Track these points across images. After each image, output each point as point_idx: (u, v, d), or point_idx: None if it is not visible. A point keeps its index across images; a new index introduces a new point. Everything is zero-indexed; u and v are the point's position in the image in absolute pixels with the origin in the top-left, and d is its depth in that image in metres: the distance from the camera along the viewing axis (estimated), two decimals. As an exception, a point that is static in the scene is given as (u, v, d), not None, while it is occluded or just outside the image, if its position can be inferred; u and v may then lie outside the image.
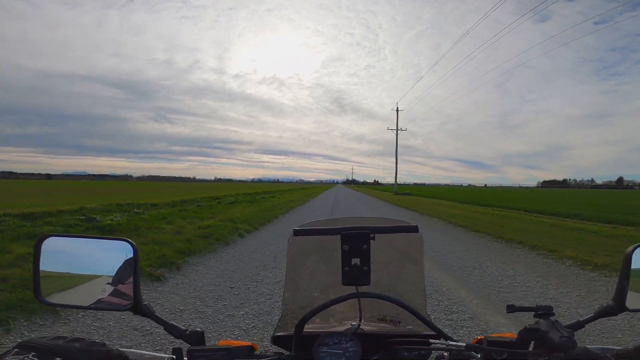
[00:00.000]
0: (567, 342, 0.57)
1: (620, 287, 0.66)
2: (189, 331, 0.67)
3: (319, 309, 0.69)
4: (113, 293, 0.66)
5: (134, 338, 2.72)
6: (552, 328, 0.60)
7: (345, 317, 0.85)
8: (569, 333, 0.58)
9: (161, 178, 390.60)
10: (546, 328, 0.60)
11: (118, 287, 0.66)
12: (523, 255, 6.37)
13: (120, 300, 0.65)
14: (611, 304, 0.67)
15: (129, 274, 0.66)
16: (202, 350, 0.63)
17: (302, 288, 0.90)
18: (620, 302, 0.66)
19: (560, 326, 0.61)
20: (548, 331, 0.60)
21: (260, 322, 3.11)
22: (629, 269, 0.65)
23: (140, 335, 2.76)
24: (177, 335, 0.67)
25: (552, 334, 0.59)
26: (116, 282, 0.66)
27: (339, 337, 0.70)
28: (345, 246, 0.70)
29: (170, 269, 4.64)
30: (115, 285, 0.66)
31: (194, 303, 3.56)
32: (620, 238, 7.83)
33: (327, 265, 0.87)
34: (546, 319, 0.63)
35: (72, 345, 0.55)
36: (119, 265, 0.66)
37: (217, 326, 3.01)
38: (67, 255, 0.67)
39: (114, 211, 9.66)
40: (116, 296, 0.66)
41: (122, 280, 0.66)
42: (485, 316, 3.34)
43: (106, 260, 0.66)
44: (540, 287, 4.38)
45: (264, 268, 5.02)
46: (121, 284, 0.66)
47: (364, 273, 0.70)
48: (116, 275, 0.66)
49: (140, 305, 0.65)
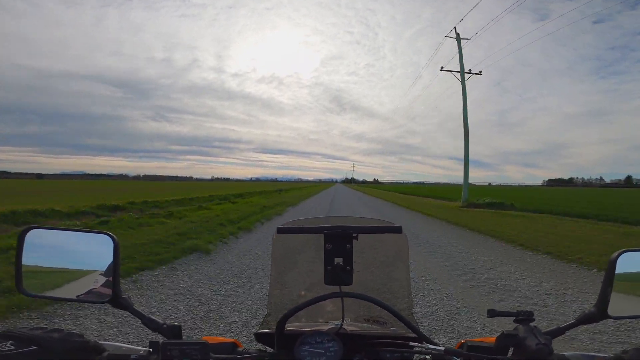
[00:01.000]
0: (543, 349, 0.58)
1: (603, 293, 0.65)
2: (166, 325, 0.69)
3: (300, 307, 0.70)
4: (93, 285, 0.68)
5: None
6: (530, 334, 0.61)
7: (330, 316, 0.86)
8: (546, 340, 0.60)
9: (158, 177, 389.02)
10: (524, 334, 0.61)
11: (98, 280, 0.68)
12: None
13: (100, 293, 0.68)
14: (593, 311, 0.66)
15: (109, 267, 0.68)
16: (176, 344, 0.64)
17: (287, 286, 0.92)
18: (603, 309, 0.65)
19: (538, 332, 0.62)
20: (526, 337, 0.61)
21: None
22: (612, 276, 0.65)
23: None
24: (154, 329, 0.69)
25: (529, 341, 0.60)
26: (96, 274, 0.68)
27: (321, 336, 0.71)
28: (328, 245, 0.72)
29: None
30: (96, 278, 0.68)
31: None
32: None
33: (311, 264, 0.88)
34: (525, 324, 0.64)
35: (50, 336, 0.58)
36: (100, 259, 0.69)
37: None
38: (49, 247, 0.69)
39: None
40: (96, 289, 0.68)
41: (102, 273, 0.68)
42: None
43: (88, 253, 0.69)
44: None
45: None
46: (101, 277, 0.68)
47: (346, 273, 0.72)
48: (97, 268, 0.68)
49: (119, 298, 0.68)
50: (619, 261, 0.65)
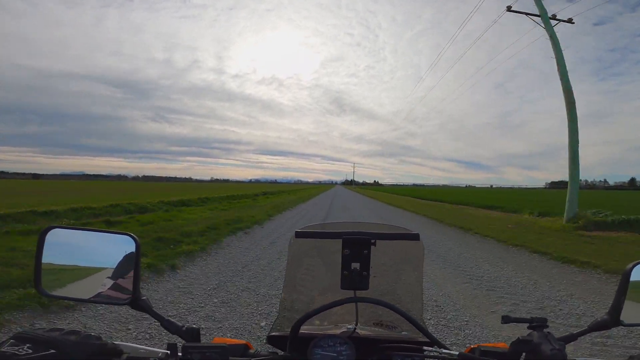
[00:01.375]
0: (557, 354, 0.59)
1: (616, 301, 0.67)
2: (185, 327, 0.69)
3: (316, 311, 0.70)
4: (113, 287, 0.67)
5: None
6: (544, 340, 0.62)
7: (341, 320, 0.86)
8: (560, 346, 0.61)
9: (156, 178, 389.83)
10: (538, 340, 0.63)
11: (118, 281, 0.68)
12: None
13: (119, 294, 0.67)
14: (606, 318, 0.68)
15: (130, 268, 0.68)
16: (196, 347, 0.64)
17: (301, 289, 0.92)
18: (615, 317, 0.67)
19: (552, 339, 0.63)
20: (540, 343, 0.62)
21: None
22: (627, 285, 0.67)
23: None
24: (173, 331, 0.69)
25: (543, 347, 0.61)
26: (117, 276, 0.68)
27: (334, 339, 0.71)
28: (346, 250, 0.72)
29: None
30: (116, 279, 0.68)
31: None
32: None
33: (327, 268, 0.89)
34: (539, 331, 0.65)
35: (67, 338, 0.57)
36: (121, 260, 0.68)
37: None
38: (70, 247, 0.69)
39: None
40: (116, 290, 0.67)
41: (123, 274, 0.68)
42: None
43: (108, 254, 0.68)
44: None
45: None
46: (121, 279, 0.68)
47: (363, 278, 0.72)
48: (117, 269, 0.68)
49: (139, 300, 0.67)
50: (634, 272, 0.68)
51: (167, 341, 0.67)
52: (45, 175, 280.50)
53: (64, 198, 17.81)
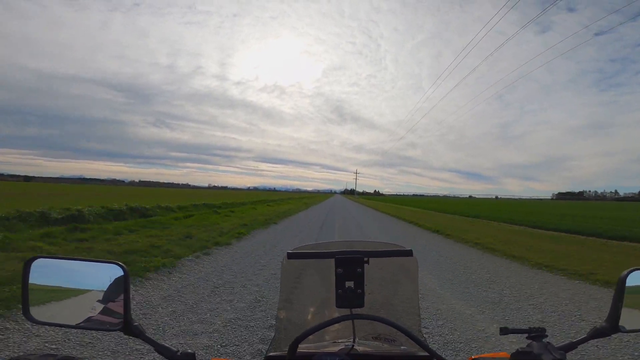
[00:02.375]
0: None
1: (614, 308, 0.69)
2: (180, 352, 0.69)
3: (313, 330, 0.71)
4: (103, 312, 0.68)
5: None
6: (544, 350, 0.63)
7: (338, 336, 0.87)
8: (561, 355, 0.61)
9: (154, 183, 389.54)
10: (539, 350, 0.63)
11: (109, 308, 0.68)
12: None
13: (110, 319, 0.68)
14: (604, 325, 0.69)
15: (120, 296, 0.68)
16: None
17: (296, 308, 0.93)
18: (614, 324, 0.68)
19: (552, 348, 0.64)
20: (541, 354, 0.62)
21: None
22: (623, 292, 0.68)
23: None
24: (168, 357, 0.69)
25: (544, 357, 0.61)
26: (107, 303, 0.68)
27: (333, 357, 0.71)
28: (339, 270, 0.73)
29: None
30: (106, 306, 0.68)
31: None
32: None
33: (321, 286, 0.90)
34: (539, 340, 0.66)
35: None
36: (110, 288, 0.68)
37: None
38: (56, 277, 0.69)
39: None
40: (106, 315, 0.68)
41: (112, 301, 0.68)
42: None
43: (97, 282, 0.69)
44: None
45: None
46: (112, 305, 0.68)
47: (357, 296, 0.73)
48: (107, 297, 0.68)
49: (131, 326, 0.68)
50: (629, 279, 0.69)
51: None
52: (38, 178, 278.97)
53: (36, 201, 15.95)
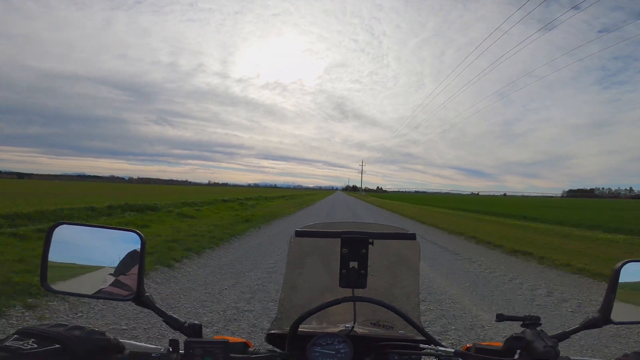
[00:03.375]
0: (550, 351, 0.63)
1: (607, 300, 0.70)
2: (187, 324, 0.71)
3: (315, 310, 0.73)
4: (116, 283, 0.70)
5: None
6: (537, 338, 0.65)
7: (339, 319, 0.89)
8: (553, 343, 0.64)
9: (154, 180, 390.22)
10: (531, 337, 0.66)
11: (122, 278, 0.70)
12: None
13: (122, 291, 0.70)
14: (597, 316, 0.72)
15: (134, 265, 0.71)
16: (199, 342, 0.67)
17: (299, 288, 0.95)
18: (606, 315, 0.70)
19: (545, 336, 0.66)
20: (533, 340, 0.65)
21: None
22: (616, 284, 0.70)
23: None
24: (175, 327, 0.71)
25: (536, 344, 0.64)
26: (121, 272, 0.70)
27: (332, 338, 0.74)
28: (345, 249, 0.75)
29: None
30: (118, 275, 0.70)
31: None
32: None
33: (325, 267, 0.92)
34: (532, 328, 0.69)
35: (71, 333, 0.59)
36: (125, 257, 0.71)
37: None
38: (76, 243, 0.72)
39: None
40: (119, 286, 0.70)
41: (127, 271, 0.71)
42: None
43: (114, 251, 0.71)
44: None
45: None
46: (126, 275, 0.70)
47: (361, 276, 0.75)
48: (122, 266, 0.71)
49: (142, 297, 0.70)
50: (622, 271, 0.70)
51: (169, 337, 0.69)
52: (36, 175, 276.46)
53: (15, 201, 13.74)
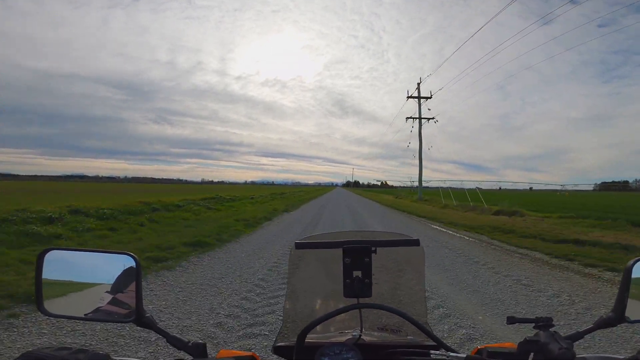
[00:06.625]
0: (566, 353, 0.61)
1: (620, 298, 0.70)
2: (191, 343, 0.71)
3: (321, 319, 0.73)
4: (114, 302, 0.71)
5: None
6: (551, 339, 0.65)
7: (346, 326, 0.90)
8: (568, 344, 0.63)
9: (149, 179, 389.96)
10: (546, 339, 0.65)
11: (120, 296, 0.71)
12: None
13: (121, 310, 0.71)
14: (611, 315, 0.71)
15: (131, 286, 0.71)
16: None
17: (304, 298, 0.96)
18: (620, 313, 0.70)
19: (559, 337, 0.66)
20: (548, 343, 0.64)
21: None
22: (629, 282, 0.70)
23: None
24: (179, 347, 0.71)
25: (551, 346, 0.63)
26: (118, 294, 0.71)
27: (340, 347, 0.74)
28: (347, 259, 0.75)
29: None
30: (118, 297, 0.71)
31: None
32: None
33: (329, 276, 0.92)
34: (545, 330, 0.68)
35: (76, 357, 0.58)
36: (121, 279, 0.71)
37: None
38: (69, 269, 0.72)
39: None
40: (118, 305, 0.71)
41: (124, 289, 0.71)
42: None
43: (109, 274, 0.71)
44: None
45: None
46: (124, 296, 0.71)
47: (365, 285, 0.75)
48: (118, 288, 0.71)
49: (142, 317, 0.70)
50: (635, 268, 0.71)
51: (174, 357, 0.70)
52: (23, 176, 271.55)
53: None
